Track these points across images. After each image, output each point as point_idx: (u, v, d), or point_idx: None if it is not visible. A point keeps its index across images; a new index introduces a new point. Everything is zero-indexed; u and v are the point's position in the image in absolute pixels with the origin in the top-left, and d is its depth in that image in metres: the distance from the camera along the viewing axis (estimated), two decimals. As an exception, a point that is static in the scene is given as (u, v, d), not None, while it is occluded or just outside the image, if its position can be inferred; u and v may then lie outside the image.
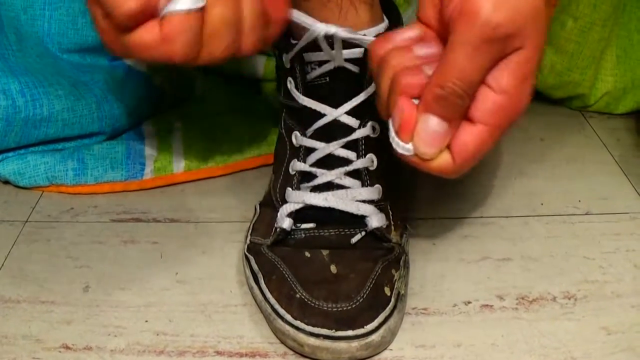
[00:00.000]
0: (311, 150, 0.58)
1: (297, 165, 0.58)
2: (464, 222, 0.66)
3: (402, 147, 0.44)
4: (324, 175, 0.57)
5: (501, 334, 0.54)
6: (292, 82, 0.58)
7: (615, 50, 0.80)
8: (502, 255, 0.62)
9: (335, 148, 0.57)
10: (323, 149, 0.57)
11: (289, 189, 0.58)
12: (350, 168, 0.57)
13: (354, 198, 0.56)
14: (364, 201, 0.56)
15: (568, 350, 0.52)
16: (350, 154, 0.57)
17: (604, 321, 0.55)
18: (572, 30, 0.77)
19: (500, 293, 0.58)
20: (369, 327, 0.50)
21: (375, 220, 0.56)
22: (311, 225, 0.57)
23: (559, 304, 0.57)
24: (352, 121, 0.57)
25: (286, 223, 0.56)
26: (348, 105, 0.57)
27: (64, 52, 0.75)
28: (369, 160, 0.57)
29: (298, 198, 0.57)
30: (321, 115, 0.57)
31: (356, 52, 0.55)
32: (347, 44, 0.54)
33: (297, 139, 0.59)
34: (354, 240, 0.56)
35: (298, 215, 0.57)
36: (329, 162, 0.57)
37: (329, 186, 0.57)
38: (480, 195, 0.70)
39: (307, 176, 0.58)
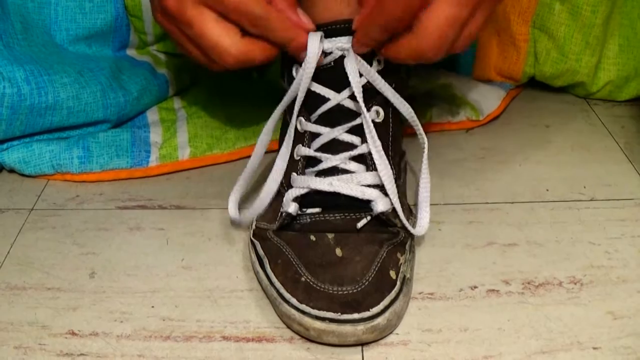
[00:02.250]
0: (316, 135, 0.58)
1: (302, 151, 0.58)
2: (469, 207, 0.66)
3: None
4: (328, 160, 0.57)
5: (507, 319, 0.54)
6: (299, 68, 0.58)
7: (618, 39, 0.80)
8: (508, 241, 0.62)
9: (340, 133, 0.57)
10: (327, 134, 0.57)
11: (294, 174, 0.58)
12: (354, 153, 0.57)
13: (358, 182, 0.56)
14: (368, 186, 0.56)
15: (574, 335, 0.52)
16: (354, 139, 0.57)
17: (610, 306, 0.55)
18: (560, 13, 0.77)
19: (506, 278, 0.58)
20: (375, 310, 0.50)
21: (381, 204, 0.55)
22: (317, 209, 0.57)
23: (565, 288, 0.57)
24: (356, 106, 0.57)
25: (292, 208, 0.56)
26: (350, 89, 0.56)
27: (71, 41, 0.75)
28: (373, 145, 0.57)
29: (303, 183, 0.57)
30: (325, 100, 0.57)
31: None
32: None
33: (302, 124, 0.58)
34: (359, 225, 0.56)
35: (304, 200, 0.57)
36: (334, 147, 0.57)
37: (334, 171, 0.57)
38: (485, 181, 0.70)
39: (312, 161, 0.58)
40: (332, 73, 0.57)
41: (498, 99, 0.81)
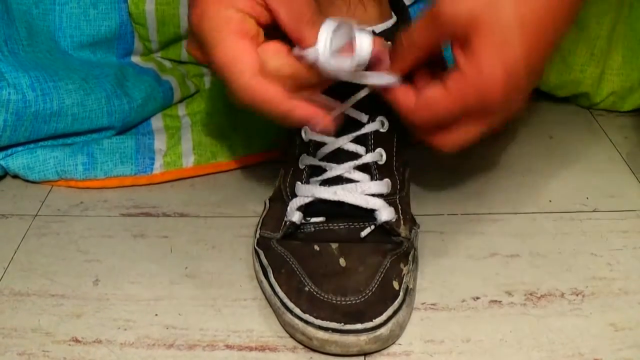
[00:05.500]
0: (321, 144, 0.58)
1: (307, 160, 0.58)
2: (472, 218, 0.66)
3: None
4: (333, 169, 0.57)
5: (509, 330, 0.54)
6: None
7: (622, 50, 0.80)
8: (511, 252, 0.62)
9: (345, 142, 0.57)
10: (332, 143, 0.57)
11: (299, 183, 0.58)
12: (359, 162, 0.57)
13: (363, 192, 0.56)
14: (373, 195, 0.56)
15: (576, 346, 0.52)
16: (359, 148, 0.57)
17: (611, 317, 0.55)
18: None
19: (508, 289, 0.58)
20: (378, 320, 0.50)
21: (385, 213, 0.56)
22: (321, 219, 0.57)
23: (567, 300, 0.57)
24: (361, 116, 0.57)
25: (296, 217, 0.57)
26: (354, 99, 0.57)
27: (76, 47, 0.75)
28: (378, 155, 0.57)
29: (307, 192, 0.57)
30: None
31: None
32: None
33: (307, 133, 0.59)
34: (363, 234, 0.56)
35: (308, 209, 0.57)
36: (339, 156, 0.58)
37: (338, 180, 0.57)
38: (488, 192, 0.70)
39: (316, 170, 0.58)
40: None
41: (501, 109, 0.81)
